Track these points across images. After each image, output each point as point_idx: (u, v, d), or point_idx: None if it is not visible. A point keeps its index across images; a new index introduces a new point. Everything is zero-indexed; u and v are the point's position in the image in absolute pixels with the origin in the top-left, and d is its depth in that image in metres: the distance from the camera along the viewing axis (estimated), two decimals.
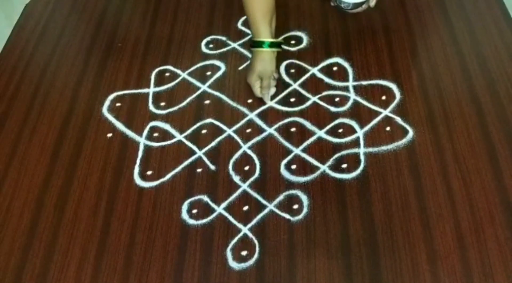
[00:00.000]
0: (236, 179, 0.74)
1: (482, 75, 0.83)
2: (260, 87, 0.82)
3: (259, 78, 0.82)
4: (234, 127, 0.80)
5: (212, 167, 0.76)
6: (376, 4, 0.88)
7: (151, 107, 0.84)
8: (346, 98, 0.82)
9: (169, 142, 0.79)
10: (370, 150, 0.76)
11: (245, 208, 0.71)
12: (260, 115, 0.82)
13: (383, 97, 0.82)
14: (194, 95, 0.85)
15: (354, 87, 0.84)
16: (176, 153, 0.78)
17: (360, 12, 0.90)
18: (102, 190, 0.74)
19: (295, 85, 0.85)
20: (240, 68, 0.89)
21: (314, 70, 0.87)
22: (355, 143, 0.77)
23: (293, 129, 0.79)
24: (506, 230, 0.66)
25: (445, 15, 0.94)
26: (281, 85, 0.85)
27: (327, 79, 0.85)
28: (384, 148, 0.76)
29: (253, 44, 0.82)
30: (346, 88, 0.84)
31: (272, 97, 0.84)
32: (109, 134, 0.81)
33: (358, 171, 0.73)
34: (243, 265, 0.66)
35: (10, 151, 0.79)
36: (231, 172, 0.75)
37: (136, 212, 0.71)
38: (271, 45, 0.81)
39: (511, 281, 0.62)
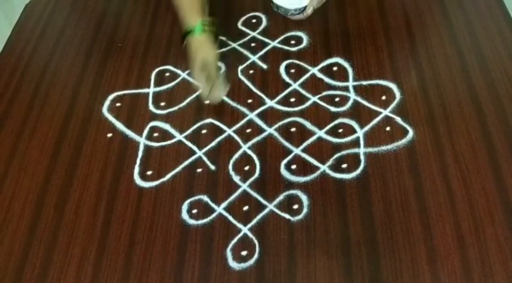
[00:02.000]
0: (236, 179, 0.74)
1: (482, 75, 0.83)
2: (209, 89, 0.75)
3: (203, 70, 0.74)
4: (234, 127, 0.80)
5: (212, 167, 0.76)
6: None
7: (151, 107, 0.84)
8: (346, 98, 0.82)
9: (169, 142, 0.79)
10: (370, 149, 0.76)
11: (245, 208, 0.71)
12: (260, 115, 0.82)
13: (383, 97, 0.82)
14: (194, 95, 0.85)
15: (354, 87, 0.84)
16: (176, 153, 0.78)
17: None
18: (102, 190, 0.74)
19: (295, 85, 0.85)
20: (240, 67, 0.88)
21: (314, 70, 0.87)
22: (355, 143, 0.77)
23: (293, 129, 0.79)
24: (506, 230, 0.66)
25: (445, 15, 0.94)
26: (281, 85, 0.85)
27: (327, 79, 0.85)
28: (384, 148, 0.76)
29: (185, 35, 0.76)
30: (346, 88, 0.84)
31: (272, 97, 0.83)
32: (109, 134, 0.81)
33: (358, 171, 0.73)
34: (243, 265, 0.66)
35: (10, 151, 0.79)
36: (231, 172, 0.75)
37: (136, 212, 0.71)
38: (202, 28, 0.75)
39: (511, 281, 0.62)
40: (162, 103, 0.84)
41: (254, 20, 0.96)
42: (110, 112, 0.84)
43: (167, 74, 0.89)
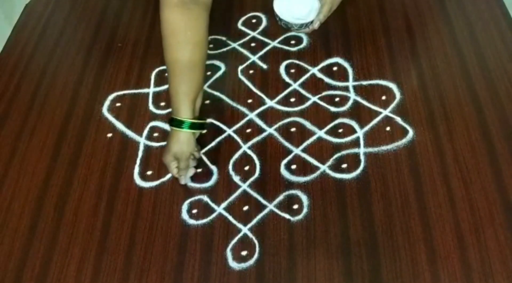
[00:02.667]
0: (236, 179, 0.74)
1: (482, 75, 0.83)
2: (177, 168, 0.73)
3: (175, 159, 0.72)
4: (234, 127, 0.80)
5: (212, 167, 0.76)
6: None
7: (151, 107, 0.84)
8: (346, 98, 0.82)
9: None
10: (370, 150, 0.76)
11: (245, 208, 0.71)
12: (260, 115, 0.82)
13: (383, 97, 0.82)
14: None
15: (354, 87, 0.84)
16: None
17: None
18: (102, 190, 0.74)
19: (295, 85, 0.85)
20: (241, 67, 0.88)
21: (314, 70, 0.87)
22: (355, 143, 0.77)
23: (293, 129, 0.79)
24: (506, 230, 0.66)
25: (445, 15, 0.94)
26: (281, 85, 0.85)
27: (327, 79, 0.85)
28: (384, 148, 0.76)
29: (171, 122, 0.72)
30: (346, 88, 0.84)
31: (272, 97, 0.84)
32: (109, 134, 0.81)
33: (358, 171, 0.73)
34: (243, 265, 0.66)
35: (10, 151, 0.79)
36: (231, 172, 0.75)
37: (136, 212, 0.71)
38: (192, 126, 0.71)
39: (511, 281, 0.62)
40: (162, 103, 0.84)
41: (254, 20, 0.96)
42: (110, 112, 0.84)
43: (167, 74, 0.88)
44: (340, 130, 0.78)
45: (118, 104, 0.85)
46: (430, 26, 0.92)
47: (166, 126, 0.81)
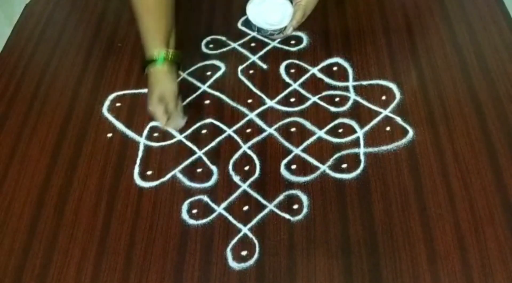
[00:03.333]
0: (236, 179, 0.74)
1: (482, 75, 0.83)
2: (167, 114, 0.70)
3: (161, 102, 0.70)
4: (234, 127, 0.80)
5: (212, 167, 0.76)
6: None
7: None
8: (346, 98, 0.82)
9: (169, 142, 0.79)
10: (370, 150, 0.76)
11: (245, 208, 0.71)
12: (260, 115, 0.82)
13: (383, 97, 0.82)
14: (194, 95, 0.85)
15: (354, 87, 0.84)
16: (176, 153, 0.78)
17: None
18: (102, 190, 0.74)
19: (295, 85, 0.85)
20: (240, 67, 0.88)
21: (314, 70, 0.87)
22: (355, 143, 0.77)
23: (293, 129, 0.79)
24: (506, 230, 0.66)
25: (445, 15, 0.94)
26: (281, 85, 0.85)
27: (327, 79, 0.85)
28: (384, 148, 0.76)
29: (145, 64, 0.71)
30: (346, 88, 0.84)
31: (272, 97, 0.84)
32: (109, 135, 0.81)
33: (358, 171, 0.73)
34: (243, 265, 0.66)
35: (10, 151, 0.79)
36: (231, 172, 0.75)
37: (136, 212, 0.71)
38: (166, 58, 0.70)
39: (511, 281, 0.62)
40: None
41: None
42: (110, 112, 0.84)
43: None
44: (340, 130, 0.78)
45: (118, 104, 0.85)
46: (430, 26, 0.92)
47: None
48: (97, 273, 0.66)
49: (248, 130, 0.80)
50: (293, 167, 0.75)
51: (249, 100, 0.84)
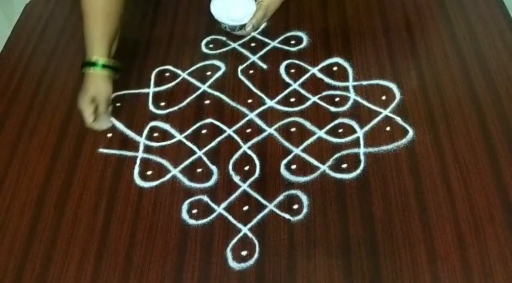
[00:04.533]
0: (236, 179, 0.74)
1: (482, 75, 0.83)
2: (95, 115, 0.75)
3: (93, 102, 0.74)
4: (234, 127, 0.80)
5: (212, 167, 0.76)
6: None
7: (151, 107, 0.84)
8: (346, 98, 0.82)
9: (169, 142, 0.79)
10: (370, 150, 0.76)
11: (245, 208, 0.71)
12: (260, 115, 0.82)
13: (383, 97, 0.82)
14: (194, 95, 0.85)
15: (354, 87, 0.84)
16: (176, 153, 0.78)
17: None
18: (102, 190, 0.74)
19: (295, 85, 0.85)
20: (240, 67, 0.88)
21: (314, 70, 0.87)
22: (355, 143, 0.77)
23: (293, 129, 0.79)
24: (506, 230, 0.66)
25: (445, 15, 0.94)
26: (281, 85, 0.85)
27: (327, 79, 0.85)
28: (384, 148, 0.76)
29: (85, 64, 0.75)
30: (346, 88, 0.84)
31: (272, 97, 0.84)
32: (109, 135, 0.81)
33: (358, 171, 0.73)
34: (243, 265, 0.66)
35: (10, 151, 0.79)
36: (231, 172, 0.75)
37: (136, 212, 0.71)
38: (105, 66, 0.75)
39: (511, 281, 0.62)
40: (162, 103, 0.84)
41: None
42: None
43: (167, 74, 0.89)
44: (340, 130, 0.78)
45: (118, 104, 0.85)
46: (430, 26, 0.93)
47: (166, 126, 0.81)
48: (97, 273, 0.66)
49: (248, 130, 0.80)
50: (293, 167, 0.75)
51: (249, 100, 0.84)
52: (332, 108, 0.81)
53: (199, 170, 0.75)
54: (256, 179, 0.74)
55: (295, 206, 0.71)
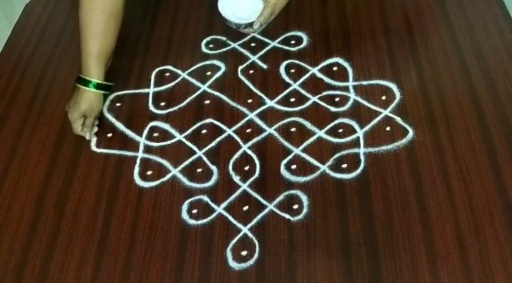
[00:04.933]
0: (236, 179, 0.74)
1: (482, 75, 0.83)
2: (82, 125, 0.78)
3: (83, 116, 0.77)
4: (234, 127, 0.80)
5: (212, 167, 0.76)
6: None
7: (151, 107, 0.84)
8: (346, 98, 0.82)
9: (169, 142, 0.79)
10: (370, 150, 0.76)
11: (245, 208, 0.71)
12: (260, 115, 0.82)
13: (383, 97, 0.82)
14: (194, 95, 0.85)
15: (354, 87, 0.84)
16: (176, 153, 0.78)
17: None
18: (102, 190, 0.74)
19: (295, 85, 0.85)
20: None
21: (314, 70, 0.87)
22: (355, 143, 0.77)
23: (293, 129, 0.79)
24: (506, 230, 0.66)
25: (445, 15, 0.94)
26: (281, 85, 0.85)
27: (327, 79, 0.85)
28: (384, 148, 0.76)
29: (79, 81, 0.77)
30: (346, 88, 0.84)
31: (272, 97, 0.84)
32: (109, 135, 0.81)
33: (358, 171, 0.73)
34: (243, 265, 0.66)
35: (10, 151, 0.79)
36: (231, 172, 0.75)
37: (136, 212, 0.71)
38: (98, 87, 0.78)
39: (511, 281, 0.62)
40: (162, 103, 0.84)
41: None
42: (110, 112, 0.84)
43: (167, 74, 0.89)
44: (340, 130, 0.78)
45: (118, 104, 0.85)
46: (430, 26, 0.93)
47: (166, 126, 0.81)
48: (97, 273, 0.66)
49: (248, 130, 0.80)
50: (293, 167, 0.75)
51: (249, 100, 0.84)
52: (332, 108, 0.81)
53: (199, 170, 0.75)
54: (256, 179, 0.74)
55: (295, 206, 0.71)
